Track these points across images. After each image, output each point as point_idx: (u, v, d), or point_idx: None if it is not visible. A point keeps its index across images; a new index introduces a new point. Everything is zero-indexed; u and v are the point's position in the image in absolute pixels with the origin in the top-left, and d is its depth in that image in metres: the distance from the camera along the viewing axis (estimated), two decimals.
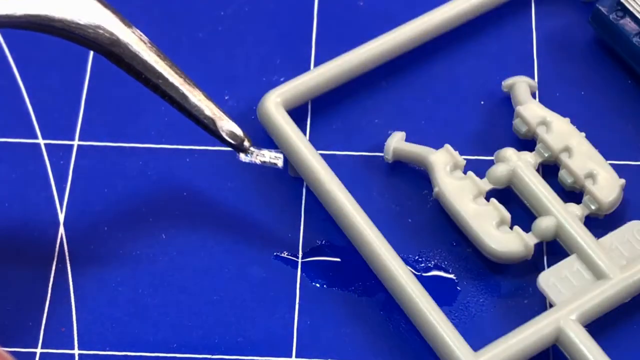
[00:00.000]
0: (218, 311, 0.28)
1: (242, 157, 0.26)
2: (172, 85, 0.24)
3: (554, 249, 0.29)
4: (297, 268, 0.29)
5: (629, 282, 0.27)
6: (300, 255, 0.29)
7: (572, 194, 0.30)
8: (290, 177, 0.31)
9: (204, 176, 0.31)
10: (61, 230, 0.30)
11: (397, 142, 0.31)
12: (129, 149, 0.31)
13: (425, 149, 0.30)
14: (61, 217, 0.30)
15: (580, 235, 0.28)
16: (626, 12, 0.31)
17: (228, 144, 0.26)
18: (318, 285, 0.29)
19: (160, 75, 0.24)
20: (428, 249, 0.30)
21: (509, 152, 0.30)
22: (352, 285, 0.29)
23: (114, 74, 0.29)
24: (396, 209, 0.30)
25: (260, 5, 0.35)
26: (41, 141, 0.31)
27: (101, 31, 0.22)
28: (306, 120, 0.32)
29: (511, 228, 0.29)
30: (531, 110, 0.30)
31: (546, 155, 0.30)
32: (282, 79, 0.32)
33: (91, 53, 0.33)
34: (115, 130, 0.32)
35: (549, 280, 0.28)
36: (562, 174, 0.30)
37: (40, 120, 0.32)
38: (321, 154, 0.30)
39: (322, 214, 0.30)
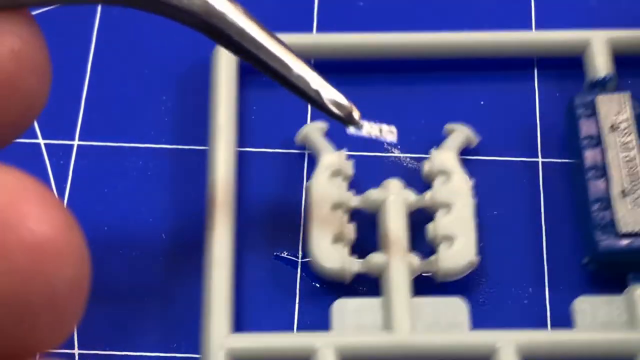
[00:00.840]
0: None
1: (352, 130, 0.25)
2: (274, 56, 0.22)
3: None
4: (297, 268, 0.29)
5: (409, 345, 0.27)
6: (300, 255, 0.29)
7: None
8: (290, 176, 0.31)
9: (203, 176, 0.30)
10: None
11: (310, 129, 0.31)
12: (129, 149, 0.31)
13: (325, 147, 0.30)
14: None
15: (395, 282, 0.28)
16: (594, 113, 0.30)
17: (335, 116, 0.24)
18: (318, 285, 0.29)
19: (260, 46, 0.21)
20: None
21: (393, 183, 0.29)
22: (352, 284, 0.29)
23: (114, 73, 0.29)
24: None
25: (260, 5, 0.34)
26: (41, 141, 0.31)
27: (196, 2, 0.20)
28: (305, 120, 0.32)
29: (360, 252, 0.29)
30: (443, 158, 0.30)
31: (428, 203, 0.29)
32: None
33: (91, 52, 0.33)
34: (115, 130, 0.32)
35: (345, 306, 0.28)
36: (429, 226, 0.29)
37: (40, 120, 0.32)
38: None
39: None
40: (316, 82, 0.23)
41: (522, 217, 0.30)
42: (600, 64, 0.32)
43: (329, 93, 0.23)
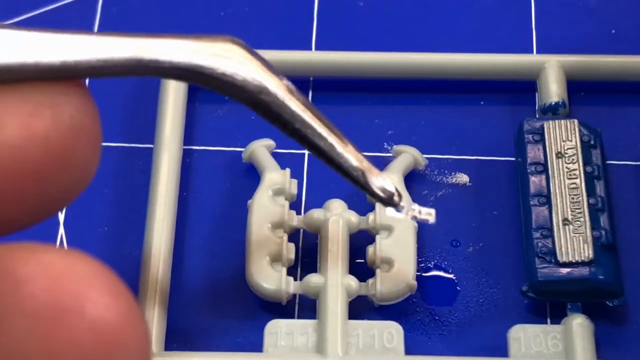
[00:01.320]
0: None
1: (391, 211, 0.25)
2: (320, 135, 0.22)
3: None
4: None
5: None
6: (300, 256, 0.29)
7: None
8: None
9: (203, 176, 0.31)
10: (61, 230, 0.30)
11: (256, 146, 0.31)
12: (129, 149, 0.31)
13: (270, 164, 0.30)
14: (61, 217, 0.30)
15: (331, 304, 0.27)
16: (542, 139, 0.30)
17: (378, 198, 0.24)
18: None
19: (309, 125, 0.22)
20: (428, 249, 0.30)
21: (335, 204, 0.29)
22: None
23: None
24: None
25: (260, 6, 0.34)
26: None
27: (250, 79, 0.20)
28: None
29: (300, 273, 0.29)
30: (390, 179, 0.30)
31: (370, 225, 0.29)
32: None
33: None
34: (115, 130, 0.32)
35: (278, 327, 0.27)
36: (369, 248, 0.29)
37: None
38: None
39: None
40: (360, 163, 0.23)
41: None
42: (553, 90, 0.31)
43: (375, 177, 0.24)
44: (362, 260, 0.29)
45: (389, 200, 0.24)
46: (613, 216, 0.29)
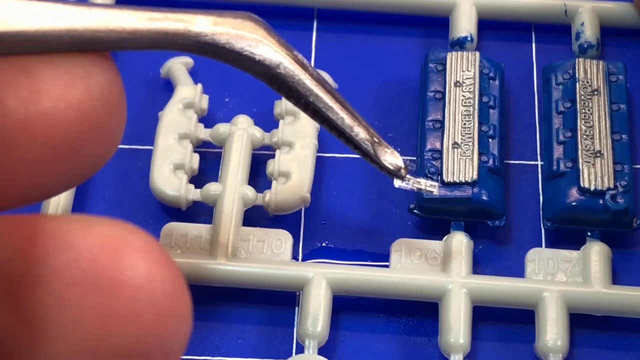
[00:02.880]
0: None
1: (397, 183, 0.26)
2: (332, 109, 0.23)
3: None
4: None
5: (228, 270, 0.28)
6: (300, 257, 0.30)
7: None
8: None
9: (203, 177, 0.31)
10: None
11: (173, 63, 0.32)
12: (129, 150, 0.32)
13: (184, 79, 0.31)
14: None
15: (225, 211, 0.29)
16: (444, 69, 0.31)
17: (387, 171, 0.26)
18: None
19: (321, 100, 0.23)
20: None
21: (241, 119, 0.31)
22: None
23: None
24: (395, 211, 0.31)
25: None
26: None
27: (267, 55, 0.22)
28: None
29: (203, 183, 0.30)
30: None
31: (273, 140, 0.30)
32: None
33: None
34: None
35: (174, 230, 0.29)
36: (269, 162, 0.30)
37: None
38: (321, 156, 0.31)
39: (322, 217, 0.30)
40: (372, 137, 0.25)
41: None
42: (462, 25, 0.33)
43: (383, 149, 0.25)
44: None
45: (396, 173, 0.26)
46: (504, 144, 0.31)
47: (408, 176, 0.26)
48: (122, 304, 0.15)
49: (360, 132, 0.24)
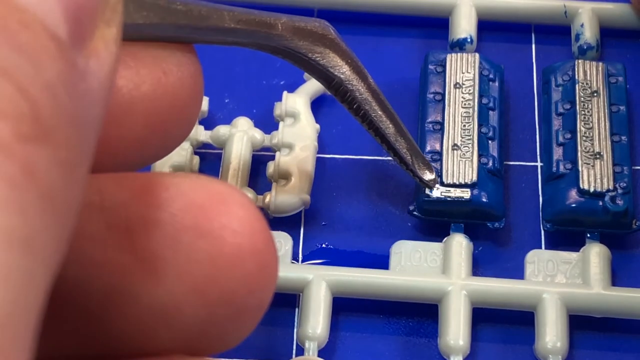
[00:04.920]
0: None
1: (427, 191, 0.29)
2: (381, 118, 0.26)
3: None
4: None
5: None
6: (300, 259, 0.30)
7: None
8: None
9: None
10: None
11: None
12: None
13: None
14: None
15: None
16: (444, 71, 0.31)
17: (422, 182, 0.28)
18: None
19: (375, 111, 0.26)
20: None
21: (241, 121, 0.31)
22: None
23: None
24: (395, 213, 0.31)
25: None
26: None
27: (337, 67, 0.25)
28: None
29: None
30: (292, 101, 0.31)
31: (274, 141, 0.30)
32: (282, 82, 0.33)
33: None
34: None
35: None
36: (269, 163, 0.30)
37: None
38: (321, 157, 0.31)
39: (322, 218, 0.30)
40: (411, 148, 0.27)
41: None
42: (462, 26, 0.33)
43: (421, 161, 0.28)
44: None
45: (428, 184, 0.28)
46: (503, 145, 0.31)
47: (437, 185, 0.28)
48: (229, 248, 0.15)
49: (403, 143, 0.27)
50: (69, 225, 0.13)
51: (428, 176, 0.28)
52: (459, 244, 0.29)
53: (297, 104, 0.31)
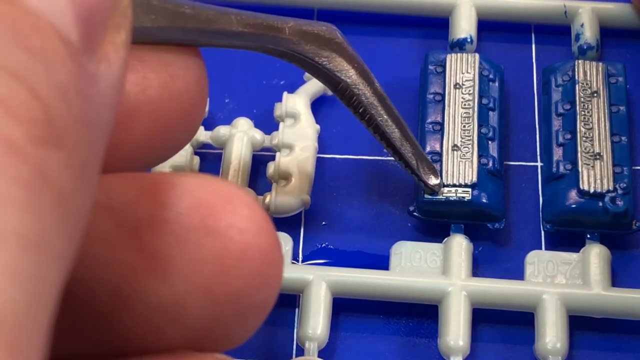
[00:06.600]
0: None
1: (428, 195, 0.29)
2: (387, 122, 0.26)
3: None
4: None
5: None
6: (300, 258, 0.30)
7: None
8: None
9: None
10: None
11: None
12: None
13: None
14: None
15: None
16: (444, 71, 0.31)
17: (427, 187, 0.28)
18: None
19: (381, 115, 0.26)
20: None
21: (241, 122, 0.31)
22: None
23: None
24: (395, 213, 0.31)
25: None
26: None
27: (344, 71, 0.25)
28: None
29: None
30: (292, 102, 0.31)
31: (274, 142, 0.30)
32: (282, 82, 0.33)
33: None
34: None
35: None
36: (270, 164, 0.30)
37: None
38: (321, 158, 0.31)
39: (322, 218, 0.30)
40: (417, 153, 0.27)
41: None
42: (462, 26, 0.33)
43: (426, 166, 0.28)
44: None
45: (432, 188, 0.28)
46: (503, 146, 0.31)
47: (442, 189, 0.28)
48: (235, 247, 0.15)
49: (408, 147, 0.27)
50: (81, 226, 0.13)
51: (433, 181, 0.28)
52: (459, 245, 0.29)
53: (297, 104, 0.31)
